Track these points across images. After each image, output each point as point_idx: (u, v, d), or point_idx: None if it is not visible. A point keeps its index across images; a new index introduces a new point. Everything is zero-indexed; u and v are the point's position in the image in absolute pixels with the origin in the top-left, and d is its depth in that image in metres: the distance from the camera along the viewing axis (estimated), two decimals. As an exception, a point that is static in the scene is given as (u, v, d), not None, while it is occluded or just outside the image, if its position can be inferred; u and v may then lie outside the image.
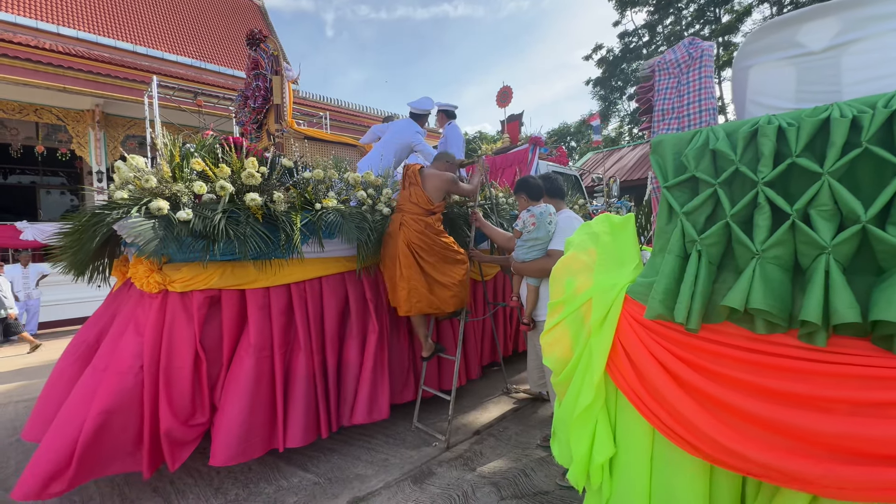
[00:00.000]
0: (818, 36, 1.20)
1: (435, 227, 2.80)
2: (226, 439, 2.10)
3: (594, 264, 1.58)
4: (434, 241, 2.76)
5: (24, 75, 7.55)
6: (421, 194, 2.77)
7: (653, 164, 1.33)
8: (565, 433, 1.59)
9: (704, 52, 1.53)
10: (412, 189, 2.81)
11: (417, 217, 2.75)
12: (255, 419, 2.19)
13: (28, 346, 6.56)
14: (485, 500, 2.15)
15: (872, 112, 0.95)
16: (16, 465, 2.76)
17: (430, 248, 2.74)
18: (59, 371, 2.28)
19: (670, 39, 20.84)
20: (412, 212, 2.77)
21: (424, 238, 2.72)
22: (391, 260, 2.80)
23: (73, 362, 2.24)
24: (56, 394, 2.22)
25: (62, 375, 2.24)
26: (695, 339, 1.19)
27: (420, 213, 2.77)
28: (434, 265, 2.75)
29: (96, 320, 2.36)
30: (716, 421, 1.13)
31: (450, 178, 2.85)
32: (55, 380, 2.27)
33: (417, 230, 2.72)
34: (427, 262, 2.73)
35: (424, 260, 2.73)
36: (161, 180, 2.01)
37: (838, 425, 1.00)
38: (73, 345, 2.33)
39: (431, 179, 2.81)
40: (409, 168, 2.89)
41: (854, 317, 0.91)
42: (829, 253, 0.98)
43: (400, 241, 2.73)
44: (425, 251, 2.73)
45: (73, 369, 2.20)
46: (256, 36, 3.49)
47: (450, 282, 2.77)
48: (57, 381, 2.24)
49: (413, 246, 2.72)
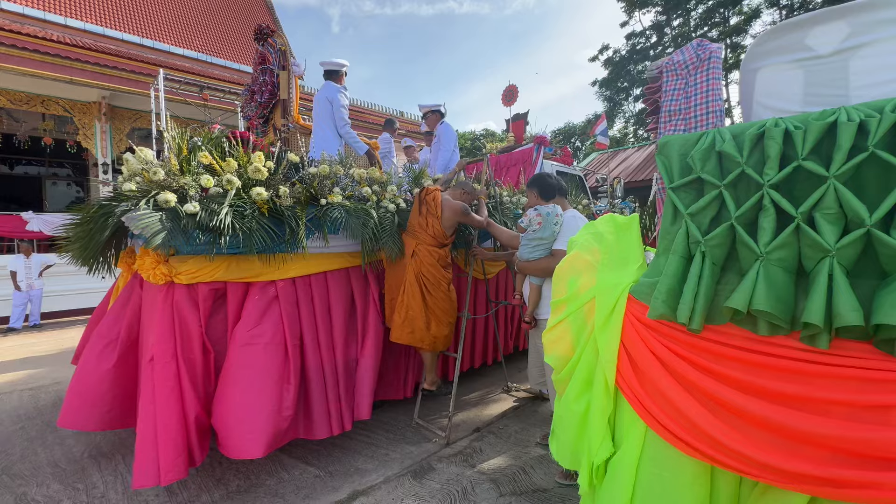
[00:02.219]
0: (827, 39, 1.20)
1: (445, 261, 2.75)
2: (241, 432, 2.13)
3: (598, 264, 1.58)
4: (442, 276, 2.71)
5: (32, 66, 7.59)
6: (438, 227, 2.70)
7: (658, 164, 1.33)
8: (564, 431, 1.60)
9: (713, 53, 1.53)
10: (429, 219, 2.72)
11: (431, 249, 2.70)
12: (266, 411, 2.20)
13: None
14: (484, 497, 2.17)
15: (880, 116, 0.96)
16: (21, 452, 2.79)
17: (437, 283, 2.70)
18: (91, 365, 2.36)
19: (678, 41, 20.73)
20: (426, 242, 2.72)
21: (434, 272, 2.69)
22: (396, 284, 2.76)
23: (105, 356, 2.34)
24: (91, 386, 2.32)
25: (97, 369, 2.33)
26: (697, 339, 1.20)
27: (434, 244, 2.72)
28: (438, 301, 2.70)
29: (120, 314, 2.42)
30: (717, 420, 1.14)
31: (462, 209, 2.75)
32: (87, 373, 2.35)
33: (429, 263, 2.68)
34: (432, 297, 2.69)
35: (430, 294, 2.69)
36: (169, 173, 2.03)
37: (837, 428, 1.01)
38: (97, 339, 2.42)
39: (448, 211, 2.72)
40: (429, 193, 2.78)
41: (857, 320, 0.92)
42: (833, 256, 0.98)
43: (410, 271, 2.69)
44: (433, 285, 2.69)
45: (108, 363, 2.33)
46: (264, 31, 3.50)
47: (447, 321, 2.72)
48: (91, 374, 2.33)
49: (422, 278, 2.68)
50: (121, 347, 2.33)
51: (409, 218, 2.85)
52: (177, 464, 2.03)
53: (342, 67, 3.67)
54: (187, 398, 2.14)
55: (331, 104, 3.53)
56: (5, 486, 2.38)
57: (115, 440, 2.91)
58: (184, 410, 2.12)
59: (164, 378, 2.09)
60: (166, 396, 2.09)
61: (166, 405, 2.08)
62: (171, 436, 2.05)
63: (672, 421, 1.23)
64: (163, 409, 2.06)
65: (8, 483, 2.41)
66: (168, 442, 2.04)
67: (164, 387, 2.09)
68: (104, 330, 2.38)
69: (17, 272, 7.44)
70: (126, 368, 2.37)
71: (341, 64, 3.67)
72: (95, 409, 2.32)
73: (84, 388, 2.33)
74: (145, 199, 1.90)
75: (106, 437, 2.95)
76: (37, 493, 2.30)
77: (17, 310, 7.46)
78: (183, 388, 2.13)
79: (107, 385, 2.31)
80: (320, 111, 3.56)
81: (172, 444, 2.04)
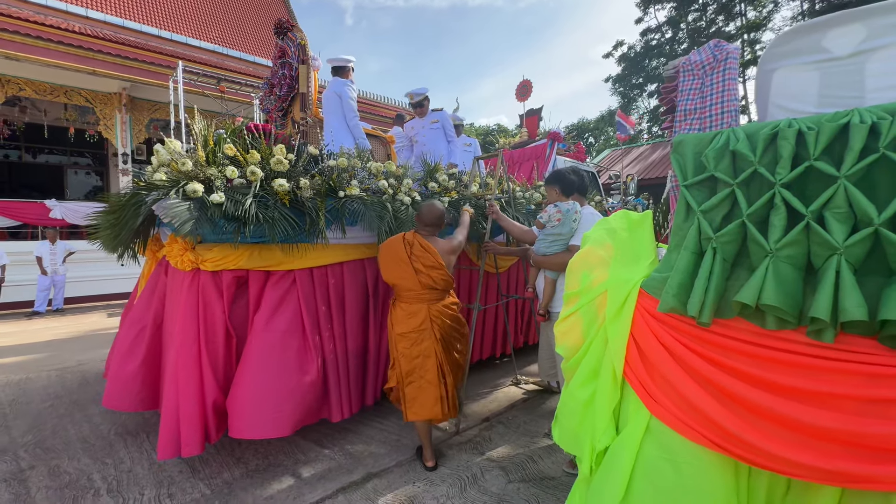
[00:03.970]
0: (844, 41, 1.22)
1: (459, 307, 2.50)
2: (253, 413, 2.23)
3: (611, 259, 1.62)
4: (463, 325, 2.47)
5: (56, 57, 7.78)
6: (444, 275, 2.31)
7: (673, 162, 1.37)
8: (567, 418, 1.65)
9: (730, 54, 1.55)
10: (433, 273, 2.28)
11: (449, 304, 2.41)
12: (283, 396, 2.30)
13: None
14: (493, 482, 2.24)
15: (892, 119, 0.99)
16: (52, 428, 2.94)
17: (461, 336, 2.45)
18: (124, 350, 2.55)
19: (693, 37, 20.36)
20: (439, 300, 2.35)
21: (458, 327, 2.44)
22: (424, 358, 2.30)
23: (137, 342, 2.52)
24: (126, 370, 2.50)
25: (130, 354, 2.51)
26: (705, 333, 1.24)
27: (444, 296, 2.40)
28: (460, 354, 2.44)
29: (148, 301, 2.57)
30: (724, 409, 1.18)
31: (456, 246, 2.41)
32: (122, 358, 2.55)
33: (451, 319, 2.38)
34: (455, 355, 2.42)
35: (459, 352, 2.45)
36: (196, 164, 2.11)
37: (842, 422, 1.05)
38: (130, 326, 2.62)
39: (446, 256, 2.34)
40: (412, 245, 2.30)
41: (861, 315, 0.95)
42: (842, 254, 1.02)
43: (433, 339, 2.28)
44: (458, 339, 2.43)
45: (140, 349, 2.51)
46: (284, 25, 3.57)
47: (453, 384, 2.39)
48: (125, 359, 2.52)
49: (447, 340, 2.35)
50: (150, 333, 2.45)
51: (395, 280, 2.36)
52: (195, 440, 2.17)
53: (349, 63, 3.77)
54: (206, 381, 2.24)
55: (340, 98, 3.62)
56: (39, 459, 2.51)
57: (139, 420, 3.04)
58: (203, 392, 2.23)
59: (187, 361, 2.20)
60: (188, 379, 2.19)
61: (187, 387, 2.19)
62: (191, 415, 2.17)
63: (679, 409, 1.27)
64: (184, 391, 2.17)
65: (42, 456, 2.55)
66: (188, 420, 2.16)
67: (186, 369, 2.19)
68: (135, 317, 2.52)
69: (42, 258, 7.69)
70: (155, 353, 2.49)
71: (348, 60, 3.77)
72: (130, 392, 2.48)
73: (120, 372, 2.50)
74: (175, 189, 1.98)
75: (131, 417, 3.08)
76: (68, 466, 2.43)
77: (41, 294, 7.72)
78: (203, 371, 2.24)
79: (138, 369, 2.46)
80: (331, 106, 3.66)
81: (191, 422, 2.17)
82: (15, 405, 3.33)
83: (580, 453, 1.54)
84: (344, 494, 2.14)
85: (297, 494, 2.14)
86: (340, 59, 3.67)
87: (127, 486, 2.23)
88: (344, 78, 3.72)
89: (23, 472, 2.38)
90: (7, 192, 10.31)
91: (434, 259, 2.27)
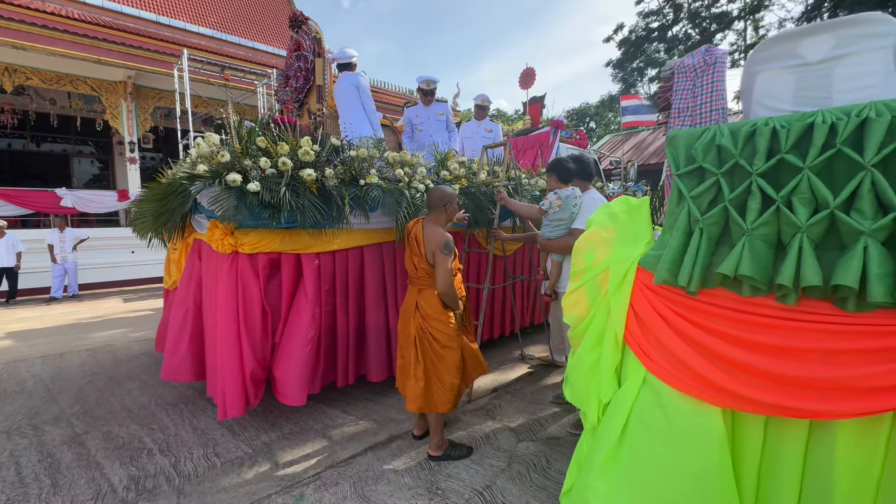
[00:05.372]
0: (816, 49, 1.41)
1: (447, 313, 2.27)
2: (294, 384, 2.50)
3: (612, 239, 1.84)
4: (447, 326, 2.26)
5: (61, 46, 7.84)
6: (426, 266, 2.26)
7: (667, 154, 1.57)
8: (576, 378, 1.89)
9: (718, 59, 1.73)
10: (415, 260, 2.29)
11: (433, 294, 2.26)
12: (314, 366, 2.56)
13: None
14: (505, 441, 2.50)
15: (847, 119, 1.19)
16: (96, 399, 3.19)
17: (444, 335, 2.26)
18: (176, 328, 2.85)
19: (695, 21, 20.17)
20: (427, 286, 2.28)
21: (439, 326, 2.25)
22: (406, 341, 2.35)
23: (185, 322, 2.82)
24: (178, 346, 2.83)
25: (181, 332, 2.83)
26: (693, 301, 1.46)
27: (427, 286, 2.28)
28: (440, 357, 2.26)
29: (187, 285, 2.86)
30: (708, 363, 1.42)
31: (443, 243, 2.18)
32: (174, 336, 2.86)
33: (434, 313, 2.24)
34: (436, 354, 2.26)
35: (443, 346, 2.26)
36: (233, 155, 2.30)
37: (804, 370, 1.28)
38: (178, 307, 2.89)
39: (430, 245, 2.22)
40: (410, 231, 2.35)
41: (817, 281, 1.17)
42: (804, 232, 1.23)
43: (415, 325, 2.26)
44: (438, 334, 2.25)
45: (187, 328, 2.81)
46: (299, 18, 3.70)
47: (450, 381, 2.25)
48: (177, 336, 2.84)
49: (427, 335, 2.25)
50: (193, 314, 2.71)
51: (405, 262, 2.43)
52: (239, 404, 2.44)
53: (352, 58, 3.98)
54: (245, 353, 2.48)
55: (358, 90, 3.80)
56: (91, 426, 2.77)
57: (175, 392, 3.29)
58: (242, 363, 2.47)
59: (229, 336, 2.44)
60: (230, 351, 2.43)
61: (230, 359, 2.43)
62: (234, 383, 2.43)
63: (670, 365, 1.50)
64: (228, 362, 2.42)
65: (93, 423, 2.80)
66: (232, 387, 2.42)
67: (228, 343, 2.43)
68: (181, 299, 2.81)
69: (53, 245, 7.89)
70: (198, 330, 2.76)
71: (351, 55, 4.00)
72: (184, 365, 2.82)
73: (175, 349, 2.82)
74: (217, 180, 2.18)
75: (167, 389, 3.34)
76: (120, 432, 2.68)
77: (56, 280, 7.95)
78: (242, 344, 2.48)
79: (189, 346, 2.78)
80: (347, 97, 3.83)
81: (234, 390, 2.43)
82: (57, 381, 3.58)
83: (588, 408, 1.78)
84: (372, 452, 2.39)
85: (330, 452, 2.39)
86: (345, 56, 3.86)
87: (176, 447, 2.49)
88: (352, 71, 3.90)
89: (79, 436, 2.63)
90: (11, 181, 10.43)
91: (418, 248, 2.25)
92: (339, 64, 3.92)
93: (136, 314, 6.47)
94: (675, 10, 20.85)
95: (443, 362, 2.26)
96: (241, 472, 2.22)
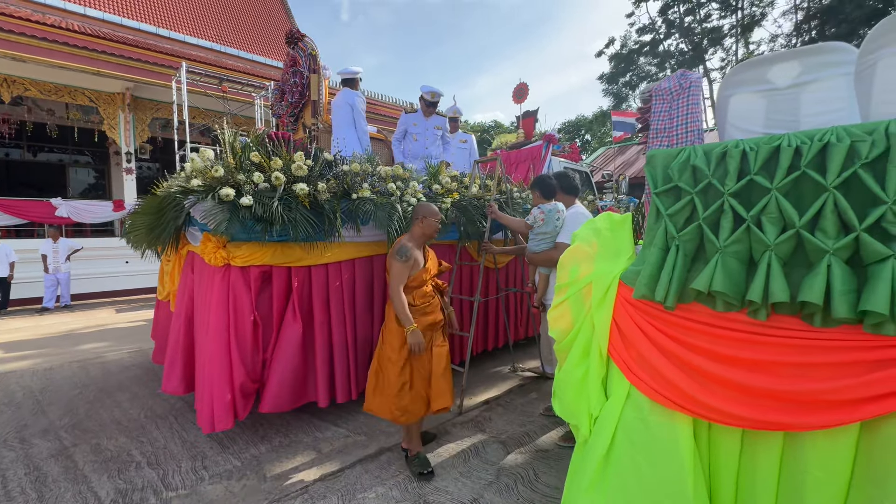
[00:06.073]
0: (784, 75, 1.48)
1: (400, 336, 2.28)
2: (277, 393, 2.50)
3: (595, 254, 1.89)
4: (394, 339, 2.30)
5: (60, 58, 7.93)
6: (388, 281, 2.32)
7: (646, 174, 1.63)
8: (564, 392, 1.92)
9: (692, 83, 1.81)
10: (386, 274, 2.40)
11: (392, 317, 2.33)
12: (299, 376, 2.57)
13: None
14: (494, 454, 2.51)
15: (810, 143, 1.25)
16: (85, 412, 3.17)
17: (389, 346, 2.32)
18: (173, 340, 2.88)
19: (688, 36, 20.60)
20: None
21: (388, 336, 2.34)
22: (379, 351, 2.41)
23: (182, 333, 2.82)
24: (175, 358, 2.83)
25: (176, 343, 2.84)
26: (670, 316, 1.51)
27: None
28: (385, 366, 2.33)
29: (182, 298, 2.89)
30: (685, 377, 1.45)
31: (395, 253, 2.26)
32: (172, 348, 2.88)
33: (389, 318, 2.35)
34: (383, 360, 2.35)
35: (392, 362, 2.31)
36: (227, 170, 2.35)
37: (775, 383, 1.32)
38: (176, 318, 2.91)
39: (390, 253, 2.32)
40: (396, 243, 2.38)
41: (785, 297, 1.22)
42: (772, 250, 1.28)
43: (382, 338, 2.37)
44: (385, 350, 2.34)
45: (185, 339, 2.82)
46: (295, 35, 3.79)
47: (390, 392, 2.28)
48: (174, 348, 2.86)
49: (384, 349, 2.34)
50: (185, 326, 2.73)
51: None
52: (227, 416, 2.43)
53: (356, 74, 4.05)
54: (235, 365, 2.49)
55: (352, 108, 3.88)
56: (80, 438, 2.76)
57: (166, 404, 3.28)
58: (232, 375, 2.48)
59: (219, 348, 2.45)
60: (220, 364, 2.45)
61: (220, 371, 2.44)
62: (222, 395, 2.43)
63: (652, 380, 1.54)
64: (217, 374, 2.43)
65: (81, 436, 2.79)
66: (220, 399, 2.42)
67: (218, 355, 2.44)
68: (178, 311, 2.83)
69: (46, 255, 7.87)
70: (191, 343, 2.78)
71: (355, 72, 4.06)
72: (184, 377, 2.82)
73: (174, 361, 2.83)
74: (210, 194, 2.22)
75: (158, 401, 3.33)
76: (108, 444, 2.67)
77: (48, 290, 7.90)
78: (232, 357, 2.49)
79: (186, 358, 2.78)
80: (341, 114, 3.91)
81: (223, 402, 2.43)
82: (46, 393, 3.57)
83: (579, 421, 1.80)
84: (362, 465, 2.40)
85: (319, 465, 2.40)
86: (349, 72, 3.94)
87: (165, 460, 2.48)
88: (354, 89, 4.00)
89: (67, 449, 2.62)
90: (7, 191, 10.42)
91: (388, 263, 2.32)
92: (344, 79, 4.02)
93: (128, 325, 6.44)
94: (667, 26, 21.29)
95: (384, 372, 2.33)
96: (228, 486, 2.22)
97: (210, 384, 2.41)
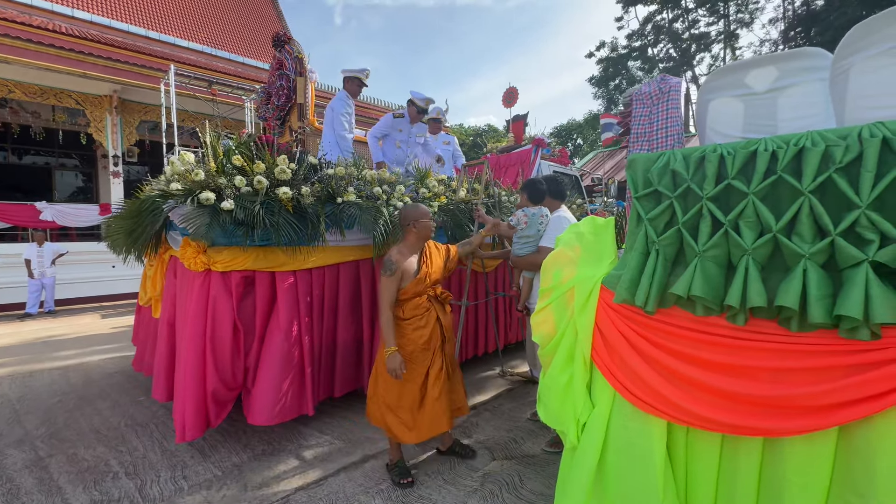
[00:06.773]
0: (761, 80, 1.49)
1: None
2: (264, 402, 2.45)
3: (578, 259, 1.88)
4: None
5: (46, 60, 7.81)
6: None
7: (627, 177, 1.63)
8: (549, 398, 1.90)
9: (672, 87, 1.81)
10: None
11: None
12: (287, 386, 2.53)
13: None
14: (479, 460, 2.48)
15: (786, 147, 1.25)
16: (64, 421, 3.10)
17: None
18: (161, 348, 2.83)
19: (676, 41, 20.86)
20: None
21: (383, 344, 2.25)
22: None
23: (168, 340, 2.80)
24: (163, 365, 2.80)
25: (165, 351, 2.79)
26: (651, 320, 1.50)
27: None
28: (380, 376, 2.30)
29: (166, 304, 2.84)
30: (665, 382, 1.44)
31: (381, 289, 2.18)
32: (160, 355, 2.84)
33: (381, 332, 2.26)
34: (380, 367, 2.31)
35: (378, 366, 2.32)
36: (208, 174, 2.31)
37: (755, 388, 1.31)
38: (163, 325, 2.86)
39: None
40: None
41: (761, 302, 1.22)
42: (750, 254, 1.28)
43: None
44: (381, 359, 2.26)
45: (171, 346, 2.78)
46: (281, 38, 3.77)
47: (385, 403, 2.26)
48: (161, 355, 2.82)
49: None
50: (167, 332, 2.68)
51: None
52: (198, 424, 2.40)
53: (349, 73, 4.01)
54: (209, 372, 2.44)
55: (332, 111, 3.88)
56: (57, 448, 2.69)
57: (147, 412, 3.22)
58: (205, 382, 2.43)
59: (195, 354, 2.39)
60: (194, 370, 2.40)
61: (193, 378, 2.39)
62: (195, 401, 2.39)
63: (635, 386, 1.53)
64: (189, 381, 2.38)
65: (58, 445, 2.72)
66: (192, 407, 2.37)
67: (193, 362, 2.39)
68: (163, 318, 2.78)
69: (30, 260, 7.72)
70: (173, 349, 2.73)
71: (349, 70, 4.00)
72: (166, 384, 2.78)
73: (159, 366, 2.81)
74: (190, 198, 2.18)
75: (139, 409, 3.26)
76: (86, 454, 2.61)
77: (32, 296, 7.75)
78: (207, 363, 2.43)
79: (167, 363, 2.75)
80: (328, 116, 3.91)
81: (195, 409, 2.39)
82: (24, 401, 3.48)
83: (565, 428, 1.78)
84: (345, 473, 2.36)
85: (302, 473, 2.35)
86: (348, 70, 3.95)
87: (143, 469, 2.42)
88: (348, 90, 4.00)
89: (42, 460, 2.55)
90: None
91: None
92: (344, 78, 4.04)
93: (113, 331, 6.33)
94: (655, 32, 21.53)
95: (380, 379, 2.28)
96: (207, 496, 2.17)
97: (183, 391, 2.36)
